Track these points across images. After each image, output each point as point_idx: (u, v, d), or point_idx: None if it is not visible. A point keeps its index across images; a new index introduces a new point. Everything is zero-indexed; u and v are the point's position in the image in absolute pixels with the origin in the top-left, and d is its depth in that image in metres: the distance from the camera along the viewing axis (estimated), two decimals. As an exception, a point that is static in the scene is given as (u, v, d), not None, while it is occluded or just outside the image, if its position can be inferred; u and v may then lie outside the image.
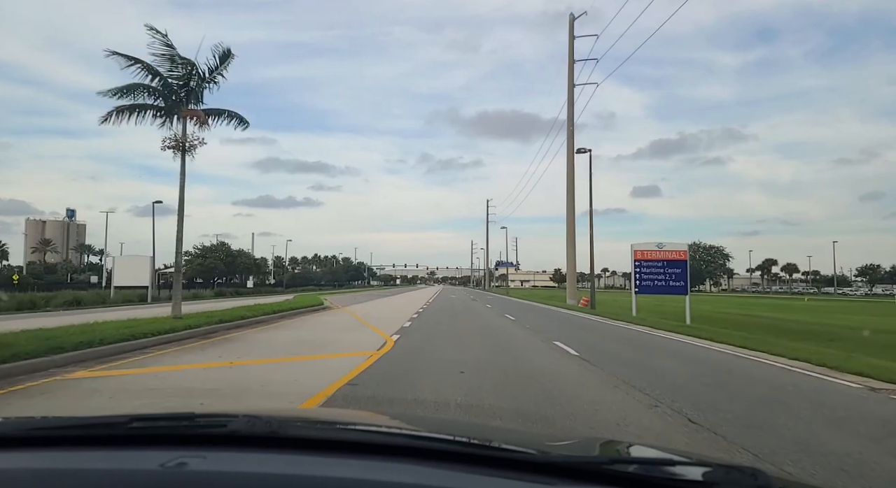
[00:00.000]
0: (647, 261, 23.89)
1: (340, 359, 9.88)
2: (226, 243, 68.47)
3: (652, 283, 23.73)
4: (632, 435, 5.13)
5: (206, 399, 6.55)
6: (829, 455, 4.58)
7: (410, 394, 6.70)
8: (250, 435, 1.27)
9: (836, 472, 4.17)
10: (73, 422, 1.45)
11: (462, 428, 2.31)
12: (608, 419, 5.75)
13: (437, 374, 8.23)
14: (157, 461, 1.10)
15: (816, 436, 5.15)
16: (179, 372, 8.62)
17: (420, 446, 1.22)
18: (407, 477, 1.07)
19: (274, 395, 6.89)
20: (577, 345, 13.12)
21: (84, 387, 7.23)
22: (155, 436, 1.29)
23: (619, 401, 6.61)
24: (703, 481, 1.11)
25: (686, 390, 7.34)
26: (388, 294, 65.13)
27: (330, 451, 1.19)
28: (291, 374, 8.43)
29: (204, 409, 2.35)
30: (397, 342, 12.87)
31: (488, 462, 1.14)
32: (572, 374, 8.63)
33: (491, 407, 6.17)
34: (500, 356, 10.98)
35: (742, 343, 13.13)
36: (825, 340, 15.75)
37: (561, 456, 1.23)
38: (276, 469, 1.11)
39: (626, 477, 1.11)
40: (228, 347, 11.57)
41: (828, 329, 20.88)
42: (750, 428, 5.38)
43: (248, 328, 16.26)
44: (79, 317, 15.83)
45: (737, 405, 6.51)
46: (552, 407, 6.22)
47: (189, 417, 1.39)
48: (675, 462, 1.24)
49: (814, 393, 7.44)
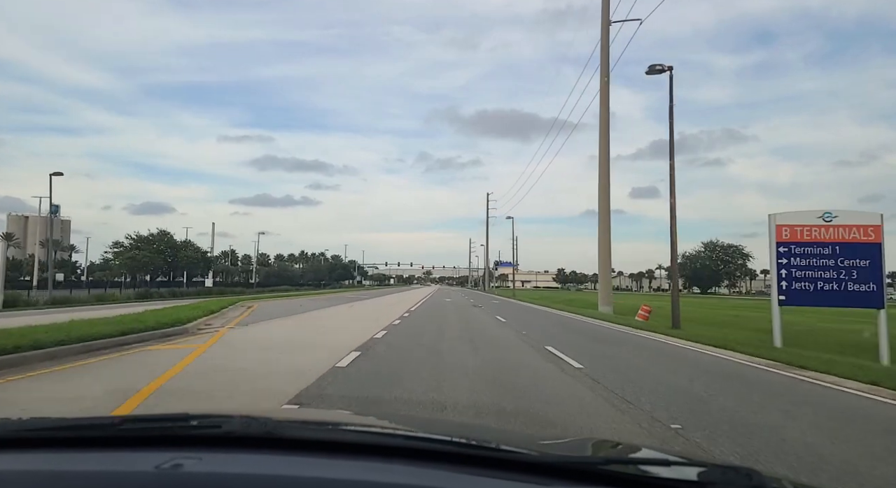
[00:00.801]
0: (804, 246, 12.96)
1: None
2: (168, 233, 57.17)
3: (813, 286, 12.78)
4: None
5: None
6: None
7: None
8: (245, 436, 1.24)
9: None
10: (64, 423, 1.39)
11: (457, 429, 2.32)
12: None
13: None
14: (151, 462, 1.08)
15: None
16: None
17: (415, 447, 1.22)
18: (402, 477, 1.07)
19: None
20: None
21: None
22: (148, 438, 1.27)
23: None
24: (699, 481, 1.10)
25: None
26: (371, 295, 54.74)
27: (326, 452, 1.18)
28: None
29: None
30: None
31: (483, 462, 1.13)
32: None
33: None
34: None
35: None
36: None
37: (556, 455, 1.22)
38: (271, 470, 1.10)
39: (621, 478, 1.10)
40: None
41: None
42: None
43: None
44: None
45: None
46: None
47: (183, 418, 1.36)
48: (671, 462, 1.21)
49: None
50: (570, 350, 11.53)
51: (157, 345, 11.35)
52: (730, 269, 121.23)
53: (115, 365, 8.81)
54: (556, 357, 10.57)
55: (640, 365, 9.99)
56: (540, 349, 11.87)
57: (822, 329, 20.28)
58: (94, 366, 8.63)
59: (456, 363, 9.32)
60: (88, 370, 8.23)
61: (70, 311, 20.20)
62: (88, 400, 6.16)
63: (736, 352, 11.61)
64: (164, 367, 8.34)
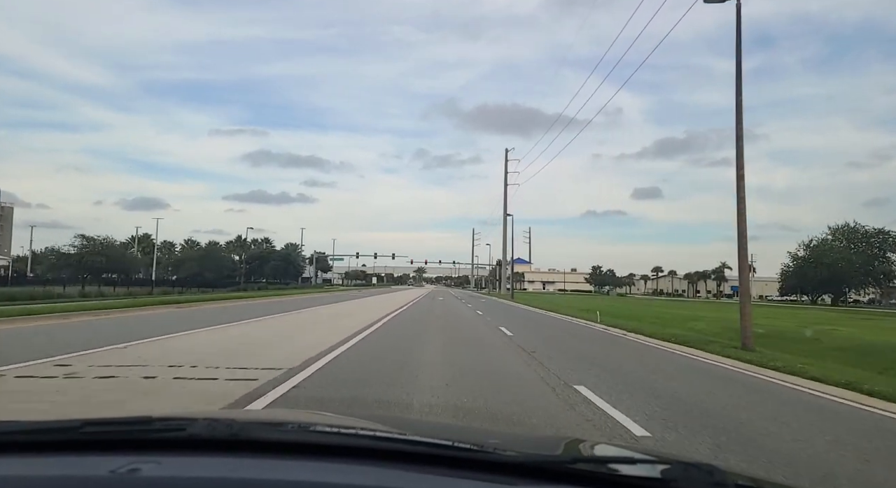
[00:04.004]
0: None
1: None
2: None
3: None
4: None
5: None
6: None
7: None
8: (210, 438, 1.22)
9: None
10: (20, 427, 1.33)
11: (424, 429, 2.26)
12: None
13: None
14: (107, 467, 1.06)
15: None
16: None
17: (381, 447, 1.21)
18: (368, 479, 1.06)
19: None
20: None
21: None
22: (108, 441, 1.23)
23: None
24: (662, 478, 1.10)
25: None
26: (287, 309, 26.94)
27: (291, 454, 1.16)
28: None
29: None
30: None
31: (450, 462, 1.12)
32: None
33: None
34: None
35: None
36: None
37: (524, 454, 1.21)
38: (235, 473, 1.07)
39: (587, 476, 1.10)
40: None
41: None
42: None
43: None
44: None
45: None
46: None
47: (145, 421, 1.34)
48: (636, 460, 1.25)
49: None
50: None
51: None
52: (877, 271, 78.60)
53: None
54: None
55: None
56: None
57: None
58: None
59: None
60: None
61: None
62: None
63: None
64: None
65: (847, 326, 23.30)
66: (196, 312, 23.73)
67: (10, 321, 15.89)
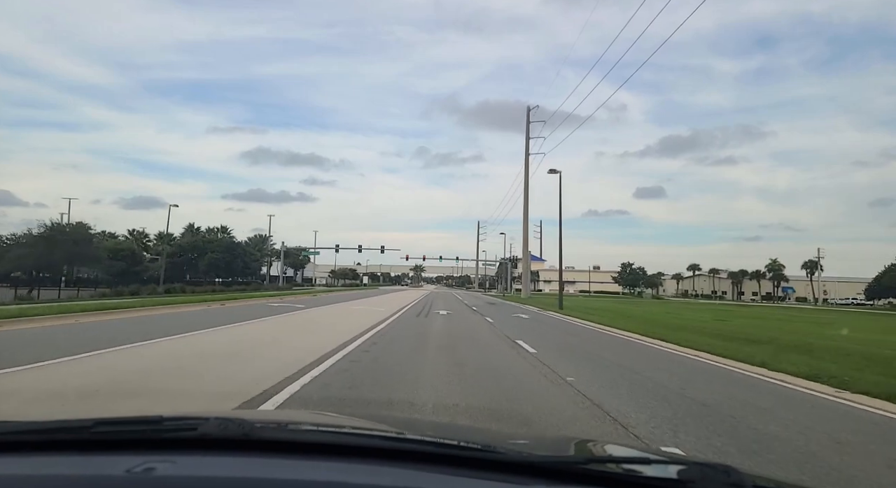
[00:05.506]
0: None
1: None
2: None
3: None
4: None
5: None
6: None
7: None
8: (222, 438, 1.23)
9: None
10: (34, 427, 1.36)
11: (438, 429, 2.27)
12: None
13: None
14: (122, 466, 1.06)
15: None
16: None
17: (396, 447, 1.21)
18: (383, 479, 1.06)
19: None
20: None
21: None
22: (121, 441, 1.25)
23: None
24: (678, 479, 1.10)
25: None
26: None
27: (304, 454, 1.17)
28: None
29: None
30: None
31: (465, 463, 1.13)
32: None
33: None
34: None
35: None
36: None
37: (537, 455, 1.21)
38: (247, 472, 1.08)
39: (601, 477, 1.11)
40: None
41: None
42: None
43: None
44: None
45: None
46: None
47: (157, 420, 1.34)
48: (651, 461, 1.24)
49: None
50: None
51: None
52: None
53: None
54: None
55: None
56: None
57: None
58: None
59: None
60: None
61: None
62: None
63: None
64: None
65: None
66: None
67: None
